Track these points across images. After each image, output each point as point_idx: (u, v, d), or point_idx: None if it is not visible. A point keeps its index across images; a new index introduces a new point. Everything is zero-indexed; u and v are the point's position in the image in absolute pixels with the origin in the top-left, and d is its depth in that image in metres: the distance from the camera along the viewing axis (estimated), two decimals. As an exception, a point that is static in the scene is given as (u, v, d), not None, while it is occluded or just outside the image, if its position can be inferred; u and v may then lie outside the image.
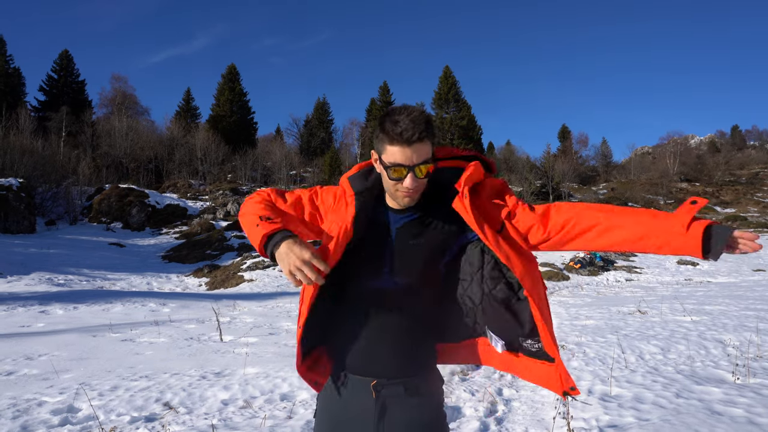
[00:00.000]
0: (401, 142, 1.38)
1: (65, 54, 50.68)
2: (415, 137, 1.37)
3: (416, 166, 1.40)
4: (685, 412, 3.56)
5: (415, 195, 1.47)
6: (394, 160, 1.41)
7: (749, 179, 57.58)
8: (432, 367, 1.61)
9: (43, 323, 9.26)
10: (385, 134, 1.41)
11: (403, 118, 1.38)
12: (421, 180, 1.44)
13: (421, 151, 1.40)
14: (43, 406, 4.29)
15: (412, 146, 1.39)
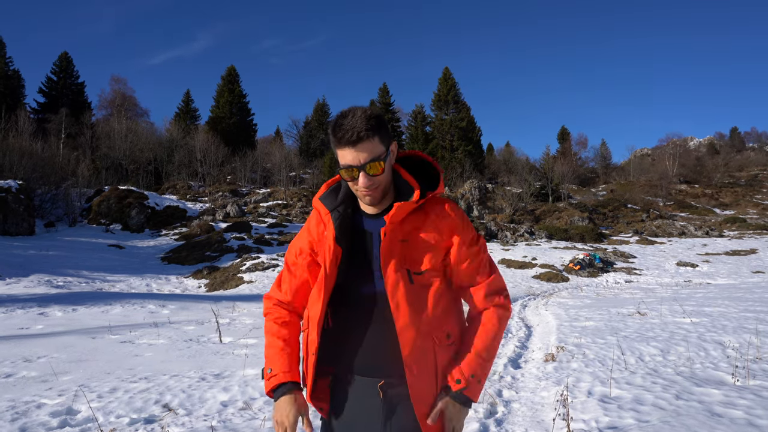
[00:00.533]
0: (346, 144, 1.42)
1: (65, 56, 50.71)
2: (354, 137, 1.40)
3: (365, 164, 1.42)
4: (684, 414, 3.56)
5: (376, 194, 1.49)
6: (345, 162, 1.45)
7: (748, 181, 57.65)
8: None
9: (42, 325, 9.24)
10: (334, 138, 1.45)
11: (346, 121, 1.42)
12: (376, 177, 1.45)
13: (367, 150, 1.42)
14: (41, 408, 4.28)
15: (357, 147, 1.41)
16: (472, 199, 36.40)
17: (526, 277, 19.73)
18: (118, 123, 44.50)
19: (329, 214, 1.54)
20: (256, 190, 42.80)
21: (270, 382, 1.52)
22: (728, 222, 36.51)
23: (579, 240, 28.70)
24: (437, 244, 1.52)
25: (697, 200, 49.39)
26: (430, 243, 1.51)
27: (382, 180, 1.48)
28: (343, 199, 1.56)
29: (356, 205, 1.58)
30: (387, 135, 1.48)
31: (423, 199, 1.52)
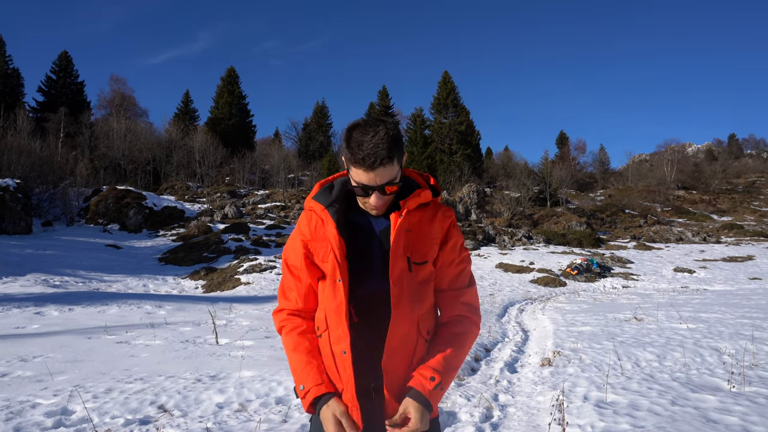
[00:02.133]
0: (365, 167, 1.41)
1: (64, 55, 50.70)
2: (377, 163, 1.40)
3: (381, 186, 1.44)
4: (680, 420, 3.56)
5: (383, 209, 1.52)
6: (360, 181, 1.45)
7: (746, 188, 57.82)
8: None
9: (38, 324, 9.22)
10: (351, 154, 1.43)
11: (367, 141, 1.40)
12: (387, 197, 1.49)
13: (384, 174, 1.43)
14: (36, 408, 4.26)
15: (376, 170, 1.41)
16: (470, 202, 36.42)
17: (524, 282, 19.75)
18: (117, 123, 44.47)
19: (325, 209, 1.53)
20: (254, 192, 42.79)
21: (306, 399, 1.47)
22: (726, 228, 36.60)
23: (577, 245, 28.73)
24: (436, 240, 1.57)
25: (695, 206, 49.49)
26: (430, 237, 1.56)
27: (391, 198, 1.52)
28: (337, 197, 1.57)
29: (350, 204, 1.59)
30: (402, 152, 1.48)
31: (432, 199, 1.59)
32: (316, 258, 1.57)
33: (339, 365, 1.47)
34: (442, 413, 4.00)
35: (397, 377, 1.47)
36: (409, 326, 1.48)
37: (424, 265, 1.54)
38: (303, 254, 1.59)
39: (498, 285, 19.02)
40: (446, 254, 1.59)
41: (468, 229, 29.58)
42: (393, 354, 1.46)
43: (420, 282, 1.53)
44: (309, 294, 1.61)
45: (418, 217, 1.56)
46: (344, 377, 1.46)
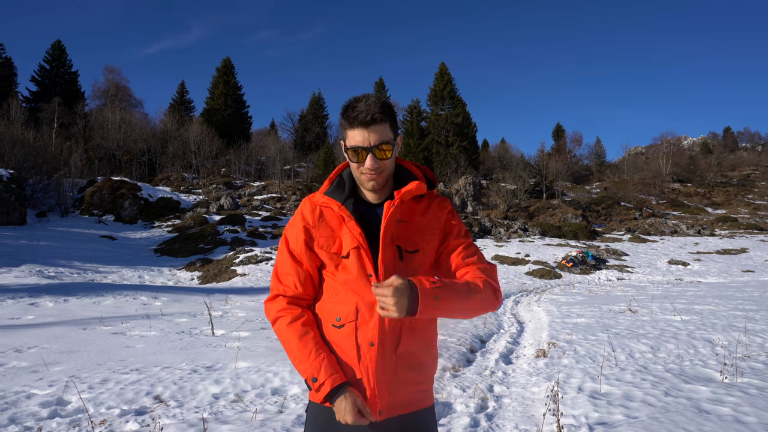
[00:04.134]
0: (358, 125, 1.47)
1: (57, 44, 50.18)
2: (369, 118, 1.45)
3: (375, 147, 1.47)
4: (673, 411, 3.59)
5: (380, 179, 1.52)
6: (354, 143, 1.49)
7: (740, 181, 58.06)
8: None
9: (33, 315, 9.19)
10: (345, 120, 1.50)
11: (360, 104, 1.47)
12: (382, 162, 1.50)
13: (378, 133, 1.47)
14: (31, 399, 4.26)
15: (369, 128, 1.46)
16: (466, 195, 36.44)
17: (519, 274, 19.81)
18: (112, 113, 44.17)
19: (343, 206, 1.55)
20: (250, 183, 42.65)
21: (322, 391, 1.47)
22: (720, 221, 36.77)
23: (572, 237, 28.82)
24: (433, 230, 1.58)
25: (690, 199, 49.69)
26: (425, 228, 1.57)
27: (388, 166, 1.53)
28: (349, 194, 1.58)
29: (357, 197, 1.60)
30: (396, 126, 1.54)
31: (428, 191, 1.61)
32: (316, 245, 1.58)
33: (363, 356, 1.47)
34: (437, 404, 4.03)
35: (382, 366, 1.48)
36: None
37: (416, 254, 1.54)
38: (304, 240, 1.59)
39: (493, 277, 19.05)
40: (452, 241, 1.60)
41: (464, 222, 29.58)
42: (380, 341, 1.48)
43: (414, 269, 1.53)
44: (307, 280, 1.60)
45: (412, 208, 1.57)
46: (369, 369, 1.47)
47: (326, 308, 1.56)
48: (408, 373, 1.50)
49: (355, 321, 1.49)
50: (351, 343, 1.49)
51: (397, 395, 1.49)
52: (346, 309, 1.51)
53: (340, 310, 1.52)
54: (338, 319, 1.52)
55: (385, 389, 1.47)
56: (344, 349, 1.50)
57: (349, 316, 1.50)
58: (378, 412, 1.46)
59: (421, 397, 1.54)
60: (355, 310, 1.50)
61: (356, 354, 1.48)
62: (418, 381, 1.53)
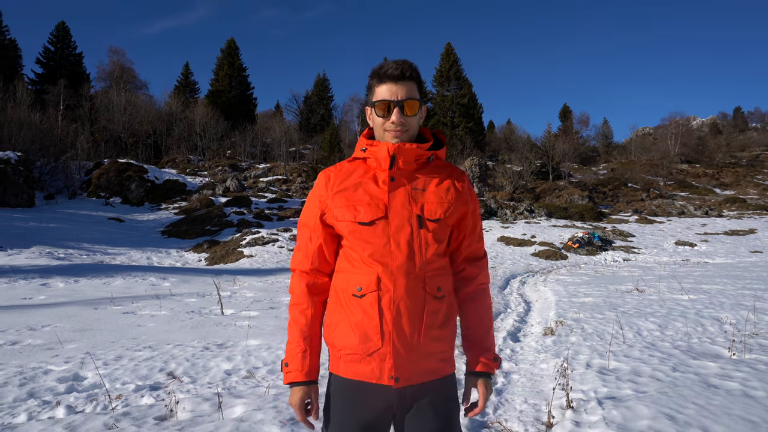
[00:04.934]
0: (387, 80, 1.50)
1: (62, 25, 49.90)
2: (399, 72, 1.49)
3: (403, 100, 1.49)
4: (681, 385, 3.62)
5: (404, 137, 1.53)
6: (383, 97, 1.50)
7: (750, 161, 57.47)
8: None
9: (45, 296, 9.32)
10: (374, 77, 1.53)
11: (389, 62, 1.52)
12: (408, 118, 1.51)
13: (406, 89, 1.50)
14: (48, 375, 4.34)
15: (398, 84, 1.49)
16: (472, 176, 36.33)
17: (525, 255, 19.83)
18: (117, 95, 44.08)
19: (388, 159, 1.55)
20: (256, 165, 42.65)
21: (287, 377, 1.56)
22: (728, 202, 36.52)
23: (578, 218, 28.74)
24: (453, 201, 1.57)
25: (698, 180, 49.31)
26: (444, 197, 1.56)
27: (413, 124, 1.54)
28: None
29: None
30: (422, 91, 1.57)
31: (434, 150, 1.60)
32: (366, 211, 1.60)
33: (386, 325, 1.47)
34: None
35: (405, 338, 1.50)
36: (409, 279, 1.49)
37: (438, 222, 1.55)
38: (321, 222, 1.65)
39: (500, 258, 19.10)
40: (471, 218, 1.64)
41: (470, 203, 29.55)
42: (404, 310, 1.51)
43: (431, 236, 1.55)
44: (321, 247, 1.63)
45: (429, 175, 1.59)
46: (393, 337, 1.47)
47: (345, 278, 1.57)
48: (431, 343, 1.50)
49: (378, 291, 1.48)
50: (374, 312, 1.47)
51: (420, 364, 1.49)
52: (371, 278, 1.49)
53: (365, 280, 1.50)
54: (359, 289, 1.51)
55: (407, 358, 1.47)
56: (365, 318, 1.49)
57: (371, 285, 1.49)
58: (395, 378, 1.46)
59: (442, 367, 1.55)
60: (378, 278, 1.48)
61: (379, 323, 1.47)
62: (441, 350, 1.53)
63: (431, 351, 1.50)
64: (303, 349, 1.55)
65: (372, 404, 1.50)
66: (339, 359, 1.54)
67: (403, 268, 1.47)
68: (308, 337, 1.57)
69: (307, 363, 1.55)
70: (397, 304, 1.46)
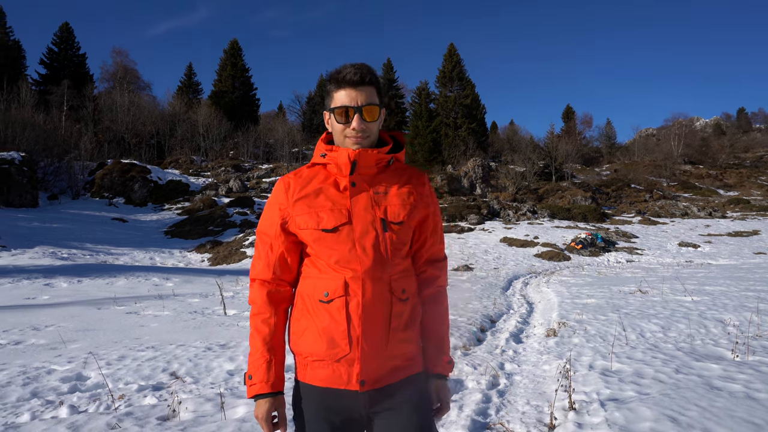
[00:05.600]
0: (345, 85, 1.48)
1: (65, 26, 50.10)
2: (358, 77, 1.47)
3: (362, 106, 1.47)
4: (684, 387, 3.61)
5: (364, 141, 1.51)
6: (342, 103, 1.48)
7: (754, 162, 57.28)
8: None
9: (48, 296, 9.35)
10: (333, 82, 1.50)
11: (347, 67, 1.49)
12: (369, 124, 1.49)
13: (366, 94, 1.48)
14: (52, 374, 4.36)
15: (357, 88, 1.47)
16: (475, 177, 36.32)
17: (528, 256, 19.81)
18: (121, 96, 44.21)
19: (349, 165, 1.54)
20: (258, 166, 42.72)
21: (251, 390, 1.52)
22: (732, 203, 36.42)
23: (581, 219, 28.69)
24: (415, 203, 1.56)
25: (701, 181, 49.17)
26: (406, 199, 1.55)
27: (374, 130, 1.52)
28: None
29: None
30: (382, 95, 1.55)
31: (392, 153, 1.58)
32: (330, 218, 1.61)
33: (354, 330, 1.44)
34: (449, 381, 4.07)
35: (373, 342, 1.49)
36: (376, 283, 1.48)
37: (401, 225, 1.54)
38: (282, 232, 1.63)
39: (502, 259, 19.09)
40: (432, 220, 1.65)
41: (473, 204, 29.54)
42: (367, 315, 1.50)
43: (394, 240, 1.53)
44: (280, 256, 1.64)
45: (389, 179, 1.57)
46: (360, 341, 1.45)
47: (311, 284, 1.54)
48: (398, 345, 1.49)
49: (345, 296, 1.45)
50: (342, 317, 1.45)
51: (387, 366, 1.49)
52: (338, 284, 1.47)
53: (334, 285, 1.47)
54: (326, 294, 1.48)
55: (375, 361, 1.46)
56: (332, 324, 1.46)
57: (340, 290, 1.46)
58: (361, 382, 1.45)
59: (409, 365, 1.54)
60: (344, 284, 1.46)
61: (346, 328, 1.45)
62: (407, 350, 1.53)
63: (398, 353, 1.50)
64: (267, 359, 1.51)
65: (341, 409, 1.49)
66: (306, 366, 1.51)
67: (370, 273, 1.45)
68: (272, 347, 1.53)
69: (272, 373, 1.51)
70: (365, 309, 1.44)
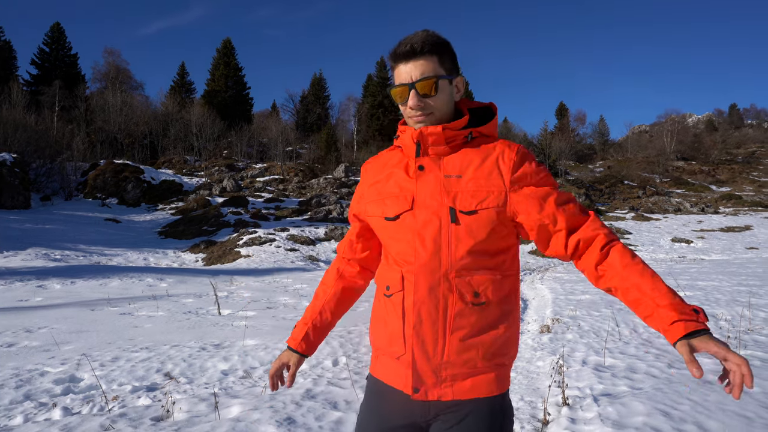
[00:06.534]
0: (399, 59, 1.32)
1: (57, 27, 49.75)
2: (408, 48, 1.29)
3: (414, 83, 1.29)
4: (676, 382, 3.64)
5: (427, 119, 1.34)
6: (398, 81, 1.33)
7: (745, 158, 57.72)
8: None
9: (41, 297, 9.29)
10: (390, 58, 1.35)
11: (407, 38, 1.32)
12: (427, 100, 1.31)
13: (422, 67, 1.30)
14: (45, 376, 4.33)
15: (410, 61, 1.30)
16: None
17: (522, 253, 19.87)
18: (113, 96, 43.95)
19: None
20: (252, 165, 42.62)
21: (287, 341, 1.60)
22: (724, 199, 36.67)
23: (575, 216, 28.77)
24: (484, 179, 1.32)
25: (694, 177, 49.47)
26: (483, 183, 1.32)
27: (438, 106, 1.33)
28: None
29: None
30: (450, 61, 1.35)
31: (474, 127, 1.38)
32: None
33: (407, 328, 1.34)
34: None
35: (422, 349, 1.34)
36: (434, 276, 1.32)
37: (475, 214, 1.33)
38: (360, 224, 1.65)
39: (497, 256, 19.14)
40: (525, 197, 1.35)
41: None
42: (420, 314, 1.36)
43: (465, 228, 1.33)
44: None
45: (465, 159, 1.37)
46: (412, 343, 1.33)
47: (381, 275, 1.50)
48: (462, 355, 1.29)
49: (402, 291, 1.34)
50: (398, 313, 1.34)
51: (446, 377, 1.31)
52: (394, 278, 1.37)
53: (389, 278, 1.39)
54: (387, 288, 1.39)
55: (428, 368, 1.30)
56: (392, 319, 1.36)
57: (397, 285, 1.36)
58: (414, 389, 1.31)
59: (480, 384, 1.31)
60: (401, 278, 1.35)
61: (402, 326, 1.34)
62: (475, 364, 1.30)
63: (461, 363, 1.30)
64: (305, 321, 1.57)
65: (393, 411, 1.37)
66: (376, 358, 1.45)
67: (427, 268, 1.29)
68: (315, 313, 1.58)
69: (300, 334, 1.57)
70: (419, 308, 1.29)
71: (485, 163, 1.32)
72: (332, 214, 27.21)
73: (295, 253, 19.22)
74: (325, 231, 22.78)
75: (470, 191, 1.30)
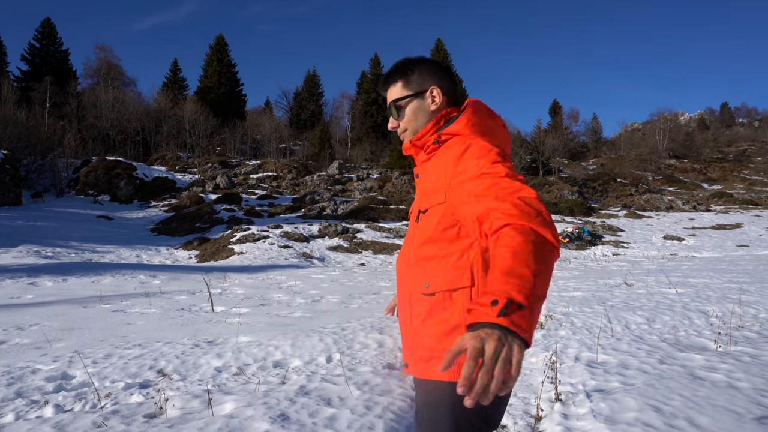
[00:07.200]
0: (381, 90, 1.59)
1: (47, 22, 49.29)
2: (382, 79, 1.56)
3: (389, 107, 1.53)
4: (668, 377, 3.67)
5: (404, 135, 1.55)
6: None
7: (737, 156, 58.16)
8: None
9: (33, 294, 9.23)
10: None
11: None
12: (399, 121, 1.53)
13: (391, 93, 1.53)
14: (36, 374, 4.31)
15: (385, 91, 1.56)
16: (463, 172, 36.37)
17: (516, 250, 19.92)
18: (105, 92, 43.65)
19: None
20: (246, 162, 42.47)
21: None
22: (715, 197, 36.93)
23: (568, 213, 28.92)
24: (439, 178, 1.38)
25: (686, 175, 49.78)
26: (434, 183, 1.40)
27: (407, 123, 1.53)
28: None
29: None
30: (418, 78, 1.48)
31: (437, 133, 1.45)
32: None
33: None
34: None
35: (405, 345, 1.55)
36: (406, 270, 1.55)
37: (427, 212, 1.43)
38: None
39: (490, 253, 19.18)
40: (458, 185, 1.35)
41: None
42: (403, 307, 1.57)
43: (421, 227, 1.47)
44: None
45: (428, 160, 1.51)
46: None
47: None
48: (421, 338, 1.40)
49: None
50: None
51: (414, 355, 1.44)
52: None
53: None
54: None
55: (405, 347, 1.51)
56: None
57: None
58: (404, 364, 1.52)
59: (429, 368, 1.38)
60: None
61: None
62: (429, 347, 1.39)
63: (420, 346, 1.41)
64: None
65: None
66: None
67: (400, 263, 1.52)
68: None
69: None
70: (397, 296, 1.57)
71: (445, 163, 1.38)
72: (326, 211, 27.16)
73: (288, 250, 19.17)
74: (318, 228, 22.73)
75: (428, 192, 1.43)
